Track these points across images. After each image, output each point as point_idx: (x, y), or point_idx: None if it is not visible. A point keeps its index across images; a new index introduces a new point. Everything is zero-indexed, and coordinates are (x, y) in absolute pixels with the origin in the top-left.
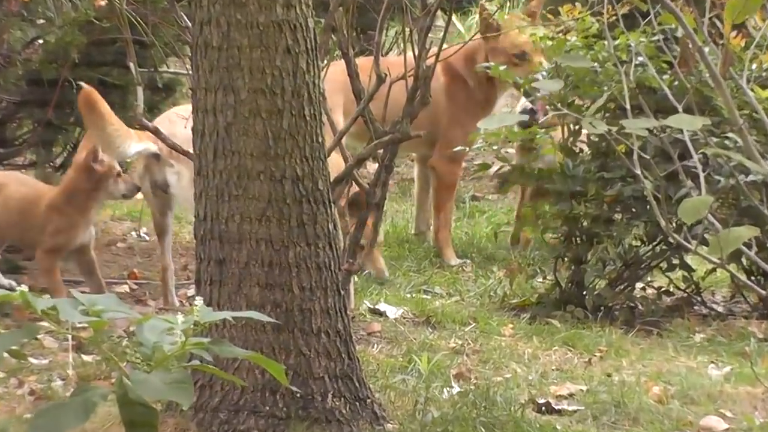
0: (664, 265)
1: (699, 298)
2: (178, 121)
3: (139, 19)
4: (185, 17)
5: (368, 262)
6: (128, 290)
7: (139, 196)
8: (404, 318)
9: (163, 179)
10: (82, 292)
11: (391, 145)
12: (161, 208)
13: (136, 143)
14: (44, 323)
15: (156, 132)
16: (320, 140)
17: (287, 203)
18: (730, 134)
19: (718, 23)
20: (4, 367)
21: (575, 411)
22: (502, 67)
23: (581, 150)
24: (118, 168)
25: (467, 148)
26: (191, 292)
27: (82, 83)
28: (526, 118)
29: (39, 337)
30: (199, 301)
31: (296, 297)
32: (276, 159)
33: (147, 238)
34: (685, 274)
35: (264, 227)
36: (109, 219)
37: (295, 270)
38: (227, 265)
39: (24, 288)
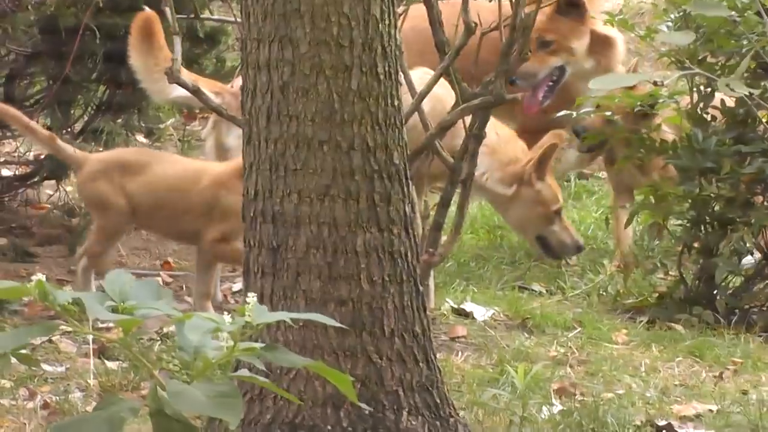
0: None
1: None
2: None
3: None
4: None
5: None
6: (161, 283)
7: None
8: (495, 320)
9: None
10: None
11: (481, 111)
12: None
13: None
14: (60, 322)
15: (197, 92)
16: (396, 103)
17: (355, 179)
18: None
19: None
20: (11, 374)
21: None
22: None
23: (713, 118)
24: None
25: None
26: (237, 286)
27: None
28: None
29: (54, 339)
30: (251, 298)
31: (365, 293)
32: (342, 125)
33: None
34: None
35: (327, 208)
36: None
37: (364, 260)
38: (282, 253)
39: (41, 277)
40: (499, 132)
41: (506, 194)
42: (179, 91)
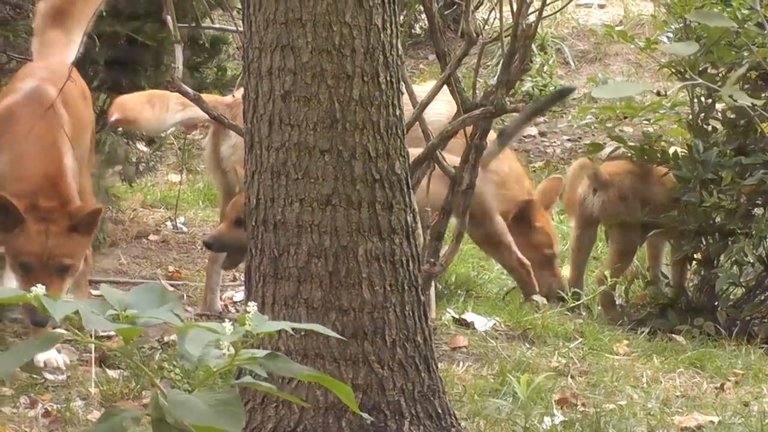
0: None
1: None
2: None
3: None
4: None
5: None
6: None
7: (176, 177)
8: (496, 330)
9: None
10: None
11: (482, 121)
12: (226, 187)
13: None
14: (62, 332)
15: (198, 100)
16: (398, 112)
17: (357, 187)
18: None
19: None
20: (12, 383)
21: None
22: None
23: (714, 129)
24: None
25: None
26: (239, 296)
27: None
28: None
29: (55, 347)
30: (252, 307)
31: (367, 302)
32: (344, 134)
33: (185, 229)
34: None
35: (329, 216)
36: (139, 206)
37: (366, 269)
38: (284, 261)
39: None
40: (511, 166)
41: None
42: (176, 118)
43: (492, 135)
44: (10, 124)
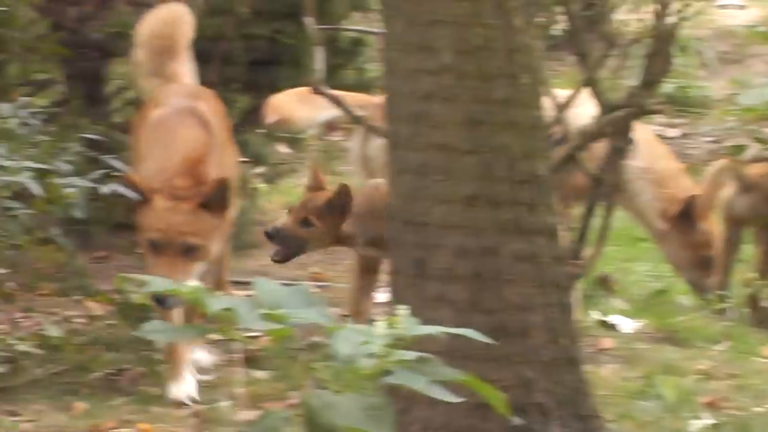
0: None
1: None
2: None
3: None
4: None
5: None
6: None
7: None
8: (641, 333)
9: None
10: None
11: (624, 122)
12: None
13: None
14: (212, 327)
15: (340, 102)
16: (539, 113)
17: (499, 189)
18: None
19: None
20: (159, 385)
21: None
22: None
23: None
24: None
25: None
26: (382, 296)
27: None
28: None
29: (203, 348)
30: (402, 310)
31: (511, 303)
32: (486, 135)
33: None
34: None
35: (472, 216)
36: (281, 208)
37: (510, 275)
38: (428, 263)
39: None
40: (668, 164)
41: (660, 229)
42: (327, 115)
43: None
44: (161, 133)
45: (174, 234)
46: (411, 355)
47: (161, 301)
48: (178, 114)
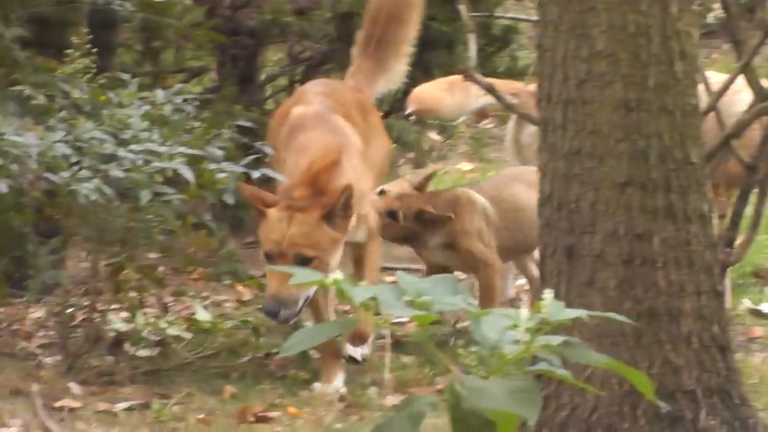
0: None
1: None
2: None
3: None
4: None
5: None
6: None
7: (467, 166)
8: None
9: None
10: None
11: None
12: None
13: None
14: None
15: (492, 89)
16: (693, 101)
17: (652, 175)
18: None
19: None
20: (305, 366)
21: None
22: None
23: None
24: None
25: None
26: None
27: None
28: None
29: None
30: (548, 294)
31: (662, 293)
32: (638, 125)
33: None
34: None
35: (623, 204)
36: None
37: (661, 260)
38: (578, 249)
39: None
40: None
41: None
42: (479, 102)
43: None
44: (293, 135)
45: (286, 245)
46: (557, 339)
47: (273, 314)
48: (312, 116)
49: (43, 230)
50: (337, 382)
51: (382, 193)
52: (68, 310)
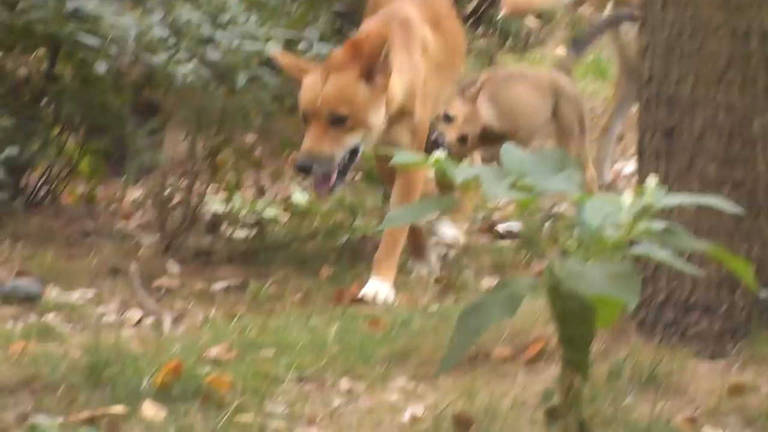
0: None
1: None
2: None
3: None
4: None
5: None
6: None
7: (563, 51)
8: None
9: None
10: None
11: None
12: (624, 65)
13: None
14: (453, 198)
15: None
16: None
17: (752, 63)
18: None
19: None
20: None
21: None
22: None
23: None
24: None
25: None
26: (628, 168)
27: None
28: None
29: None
30: (651, 179)
31: (761, 176)
32: (739, 9)
33: None
34: None
35: (723, 91)
36: None
37: (761, 143)
38: (677, 135)
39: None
40: None
41: None
42: None
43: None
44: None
45: (320, 104)
46: (658, 225)
47: (305, 169)
48: (388, 12)
49: (141, 112)
50: (433, 264)
51: (448, 119)
52: (166, 191)
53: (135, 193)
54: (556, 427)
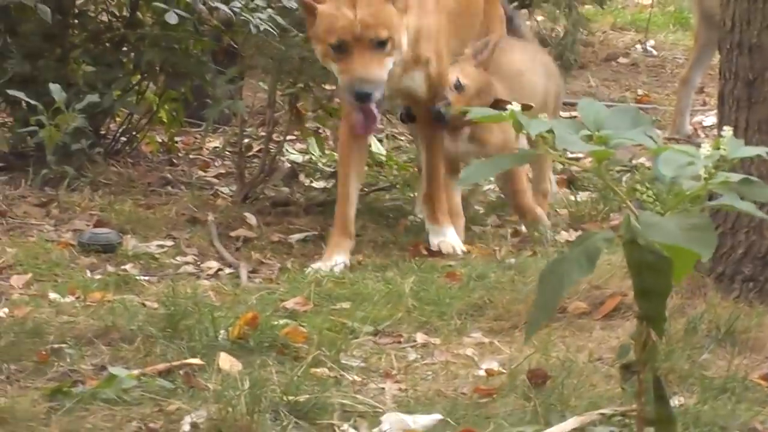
0: None
1: None
2: None
3: None
4: None
5: None
6: None
7: (646, 0)
8: None
9: None
10: None
11: None
12: (703, 12)
13: None
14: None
15: None
16: None
17: None
18: None
19: None
20: (482, 202)
21: None
22: None
23: None
24: None
25: None
26: (709, 120)
27: None
28: None
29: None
30: (727, 131)
31: None
32: None
33: (654, 53)
34: None
35: None
36: (609, 29)
37: None
38: (759, 85)
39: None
40: None
41: None
42: None
43: None
44: None
45: (361, 29)
46: (736, 177)
47: (366, 96)
48: None
49: (221, 60)
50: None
51: (459, 88)
52: (245, 141)
53: (214, 143)
54: (632, 383)
